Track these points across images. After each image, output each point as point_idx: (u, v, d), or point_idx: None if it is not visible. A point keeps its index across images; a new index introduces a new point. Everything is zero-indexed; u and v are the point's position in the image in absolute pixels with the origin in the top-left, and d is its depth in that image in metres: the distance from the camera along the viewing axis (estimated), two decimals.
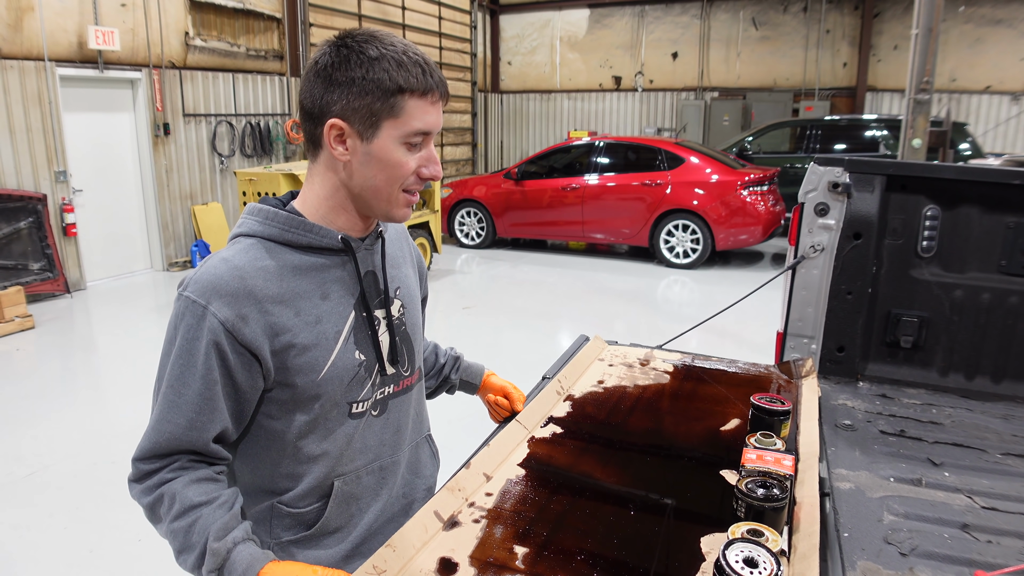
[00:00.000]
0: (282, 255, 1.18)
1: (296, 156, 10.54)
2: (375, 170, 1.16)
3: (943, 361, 2.27)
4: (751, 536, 1.12)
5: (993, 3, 12.04)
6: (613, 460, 1.55)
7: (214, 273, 1.12)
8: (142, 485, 1.14)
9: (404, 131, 1.14)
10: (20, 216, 7.12)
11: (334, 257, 1.23)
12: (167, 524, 1.10)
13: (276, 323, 1.14)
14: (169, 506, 1.10)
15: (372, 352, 1.27)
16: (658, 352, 2.25)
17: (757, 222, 8.72)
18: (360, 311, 1.25)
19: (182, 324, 1.12)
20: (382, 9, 12.21)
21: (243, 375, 1.14)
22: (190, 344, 1.11)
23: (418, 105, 1.14)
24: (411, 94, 1.13)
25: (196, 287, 1.12)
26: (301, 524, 1.26)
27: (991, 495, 1.49)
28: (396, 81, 1.11)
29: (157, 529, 1.15)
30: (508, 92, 16.66)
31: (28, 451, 4.16)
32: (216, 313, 1.10)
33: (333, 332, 1.20)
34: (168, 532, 1.11)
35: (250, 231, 1.20)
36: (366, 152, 1.15)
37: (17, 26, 7.05)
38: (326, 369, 1.19)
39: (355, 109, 1.13)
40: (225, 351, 1.11)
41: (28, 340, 6.25)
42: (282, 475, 1.24)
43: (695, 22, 14.44)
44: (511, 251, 10.44)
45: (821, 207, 2.28)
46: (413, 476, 1.42)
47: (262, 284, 1.14)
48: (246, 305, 1.12)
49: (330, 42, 1.16)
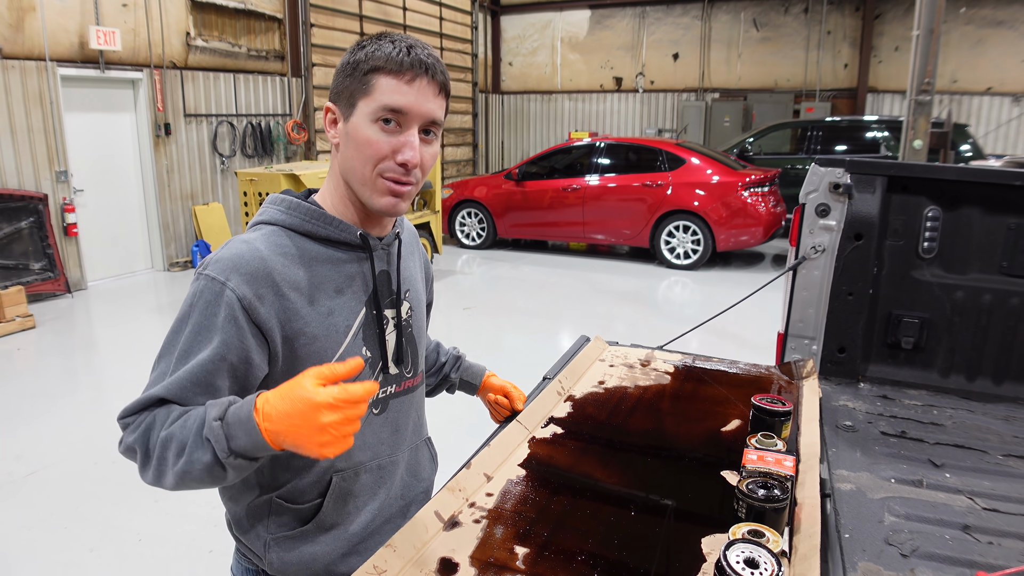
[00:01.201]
0: (302, 244, 1.20)
1: (297, 156, 10.54)
2: (352, 150, 1.18)
3: (944, 362, 2.27)
4: (752, 537, 1.11)
5: (994, 5, 12.04)
6: (614, 461, 1.55)
7: (235, 252, 1.13)
8: (130, 431, 1.13)
9: (373, 107, 1.14)
10: (21, 216, 7.13)
11: (351, 252, 1.24)
12: (158, 434, 1.07)
13: (290, 308, 1.15)
14: (162, 424, 1.08)
15: (378, 350, 1.28)
16: (659, 353, 2.25)
17: (758, 223, 8.71)
18: (371, 309, 1.26)
19: (200, 301, 1.12)
20: (383, 9, 12.21)
21: (256, 354, 1.13)
22: (208, 320, 1.11)
23: (389, 83, 1.14)
24: (384, 72, 1.14)
25: (217, 266, 1.12)
26: (298, 519, 1.26)
27: (992, 496, 1.49)
28: (371, 61, 1.14)
29: (148, 472, 1.10)
30: (509, 93, 16.67)
31: (28, 450, 4.16)
32: (235, 289, 1.10)
33: (343, 326, 1.21)
34: (159, 443, 1.07)
35: (272, 219, 1.21)
36: (344, 132, 1.18)
37: (19, 26, 7.06)
38: (333, 362, 1.18)
39: (340, 92, 1.18)
40: (242, 326, 1.11)
41: (29, 340, 6.25)
42: (281, 468, 1.24)
43: (696, 23, 14.44)
44: (512, 252, 10.44)
45: (822, 208, 2.28)
46: (412, 478, 1.42)
47: (281, 268, 1.15)
48: (263, 286, 1.13)
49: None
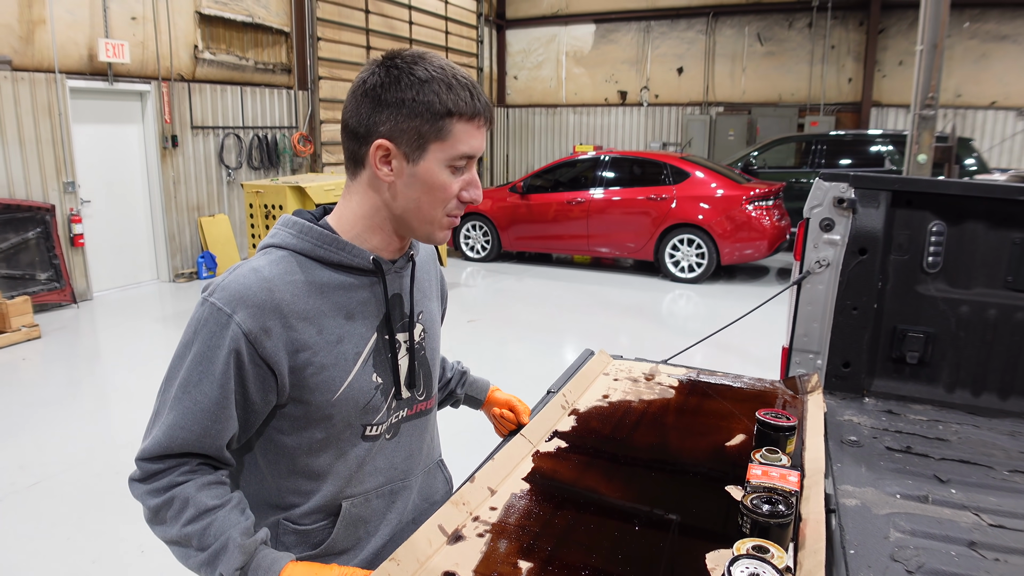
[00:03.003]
0: (312, 270, 1.17)
1: (303, 169, 10.59)
2: (419, 192, 1.16)
3: (949, 377, 2.26)
4: (756, 552, 1.11)
5: (998, 19, 12.06)
6: (618, 475, 1.55)
7: (243, 282, 1.11)
8: (148, 486, 1.13)
9: (450, 154, 1.14)
10: (28, 226, 7.17)
11: (363, 277, 1.22)
12: (179, 527, 1.10)
13: (298, 339, 1.14)
14: (181, 509, 1.10)
15: (390, 376, 1.26)
16: (663, 367, 2.24)
17: (762, 237, 8.71)
18: (383, 334, 1.25)
19: (204, 329, 1.11)
20: (390, 24, 12.30)
21: (257, 388, 1.13)
22: (210, 351, 1.10)
23: (465, 129, 1.14)
24: (459, 117, 1.12)
25: (223, 294, 1.11)
26: (306, 542, 1.25)
27: (998, 512, 1.48)
28: (446, 104, 1.11)
29: (158, 530, 1.14)
30: (514, 106, 16.73)
31: (32, 461, 4.16)
32: (241, 323, 1.09)
33: (353, 353, 1.20)
34: (180, 534, 1.10)
35: (283, 243, 1.19)
36: (411, 174, 1.15)
37: (29, 39, 7.13)
38: (342, 390, 1.18)
39: (403, 130, 1.12)
40: (244, 362, 1.11)
41: (34, 350, 6.27)
42: (289, 491, 1.24)
43: (700, 37, 14.49)
44: (516, 264, 10.44)
45: (827, 222, 2.28)
46: (424, 502, 1.41)
47: (289, 298, 1.13)
48: (271, 319, 1.11)
49: (378, 62, 1.15)
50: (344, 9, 11.20)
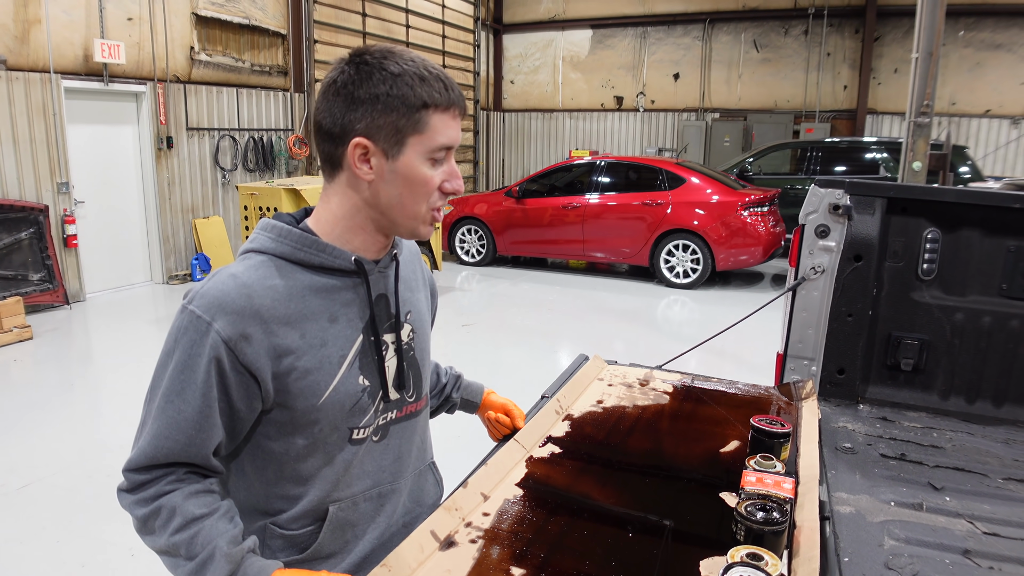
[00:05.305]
0: (292, 274, 1.16)
1: (298, 171, 10.58)
2: (401, 188, 1.15)
3: (944, 384, 2.26)
4: (750, 560, 1.10)
5: (993, 28, 12.15)
6: (612, 481, 1.54)
7: (221, 289, 1.10)
8: (136, 496, 1.12)
9: (429, 146, 1.13)
10: (21, 227, 7.13)
11: (346, 279, 1.20)
12: (166, 536, 1.09)
13: (280, 345, 1.12)
14: (168, 518, 1.09)
15: (377, 378, 1.25)
16: (658, 372, 2.24)
17: (757, 243, 8.73)
18: (368, 335, 1.23)
19: (184, 338, 1.10)
20: (386, 27, 12.32)
21: (240, 396, 1.12)
22: (191, 360, 1.09)
23: (442, 120, 1.13)
24: (435, 109, 1.12)
25: (202, 302, 1.10)
26: (294, 547, 1.24)
27: (993, 520, 1.48)
28: (420, 96, 1.11)
29: (147, 540, 1.14)
30: (510, 111, 16.76)
31: (22, 463, 4.13)
32: (220, 331, 1.08)
33: (337, 356, 1.18)
34: (168, 544, 1.09)
35: (262, 247, 1.17)
36: (391, 170, 1.14)
37: (24, 38, 7.11)
38: (327, 394, 1.17)
39: (380, 126, 1.11)
40: (225, 370, 1.09)
41: (26, 351, 6.23)
42: (277, 496, 1.22)
43: (697, 44, 14.55)
44: (511, 269, 10.44)
45: (822, 229, 2.28)
46: (415, 504, 1.39)
47: (269, 304, 1.12)
48: (251, 325, 1.10)
49: (346, 60, 1.14)
50: (341, 12, 11.22)
